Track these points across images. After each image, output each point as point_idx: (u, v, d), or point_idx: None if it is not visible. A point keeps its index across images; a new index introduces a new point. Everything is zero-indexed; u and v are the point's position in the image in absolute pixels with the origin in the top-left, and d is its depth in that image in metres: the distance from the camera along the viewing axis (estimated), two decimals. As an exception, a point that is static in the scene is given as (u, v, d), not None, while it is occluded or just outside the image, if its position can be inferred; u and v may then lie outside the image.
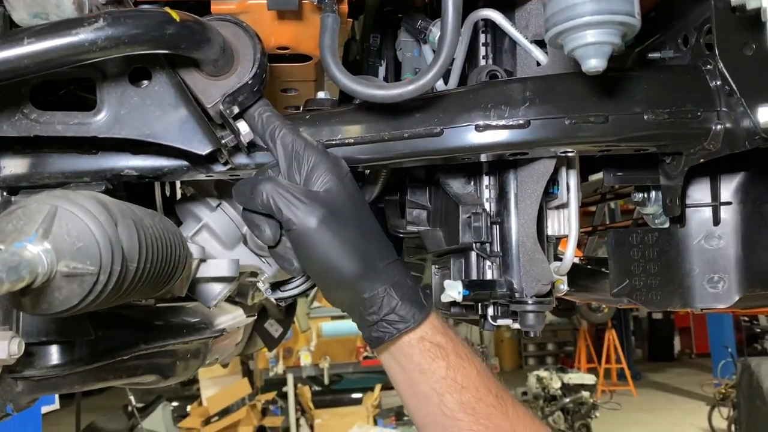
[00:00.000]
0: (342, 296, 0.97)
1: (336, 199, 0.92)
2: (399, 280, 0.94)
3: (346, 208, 0.93)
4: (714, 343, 12.16)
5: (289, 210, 0.89)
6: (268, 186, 0.91)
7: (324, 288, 0.98)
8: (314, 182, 0.92)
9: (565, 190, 1.14)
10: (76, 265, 0.69)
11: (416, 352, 0.94)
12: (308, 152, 0.94)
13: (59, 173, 1.00)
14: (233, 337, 2.21)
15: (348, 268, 0.92)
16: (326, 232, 0.90)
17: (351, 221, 0.93)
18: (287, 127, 0.95)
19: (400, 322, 0.93)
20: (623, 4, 0.80)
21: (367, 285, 0.93)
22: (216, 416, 7.78)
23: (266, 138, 0.96)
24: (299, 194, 0.90)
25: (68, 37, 0.77)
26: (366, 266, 0.92)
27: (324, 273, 0.94)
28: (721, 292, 1.14)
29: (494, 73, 1.10)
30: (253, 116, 0.96)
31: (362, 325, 0.97)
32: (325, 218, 0.90)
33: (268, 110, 0.97)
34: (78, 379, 1.19)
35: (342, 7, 0.99)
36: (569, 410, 8.83)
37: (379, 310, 0.93)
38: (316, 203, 0.90)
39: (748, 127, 0.91)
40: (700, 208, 1.15)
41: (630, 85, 0.97)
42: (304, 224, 0.89)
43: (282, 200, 0.90)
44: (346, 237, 0.91)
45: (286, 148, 0.94)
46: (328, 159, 0.95)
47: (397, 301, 0.93)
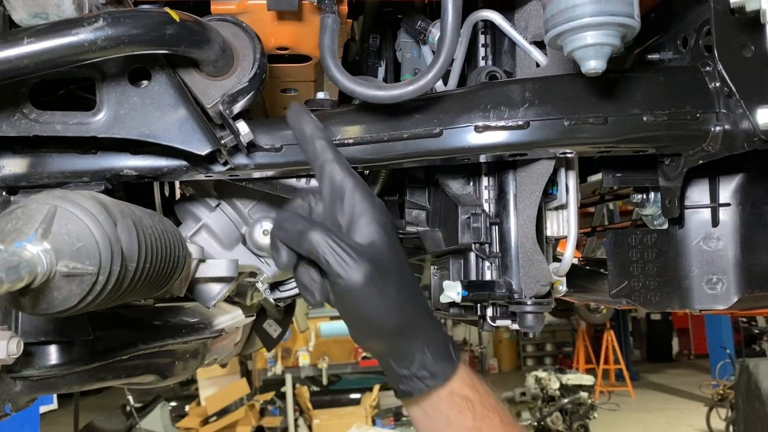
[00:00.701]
0: (375, 347, 0.97)
1: (381, 252, 0.90)
2: (433, 335, 0.95)
3: (390, 263, 0.91)
4: (712, 344, 12.18)
5: (338, 265, 0.87)
6: (319, 237, 0.88)
7: (358, 337, 0.97)
8: (359, 231, 0.91)
9: (564, 191, 1.14)
10: (76, 265, 0.69)
11: (444, 405, 0.95)
12: (356, 196, 0.91)
13: (58, 173, 0.99)
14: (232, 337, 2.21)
15: (387, 325, 0.91)
16: (371, 289, 0.88)
17: (394, 276, 0.91)
18: (339, 163, 0.93)
19: (430, 378, 0.93)
20: (623, 6, 0.80)
21: (403, 341, 0.93)
22: (214, 416, 7.78)
23: (315, 166, 0.94)
24: (348, 249, 0.88)
25: (68, 37, 0.77)
26: (405, 322, 0.92)
27: (362, 326, 0.94)
28: (719, 293, 1.14)
29: (494, 74, 1.10)
30: (308, 141, 0.94)
31: (392, 376, 0.97)
32: (371, 275, 0.88)
33: (323, 139, 0.94)
34: (77, 379, 1.19)
35: (342, 8, 0.99)
36: (568, 411, 8.84)
37: (410, 365, 0.93)
38: (364, 259, 0.88)
39: (747, 128, 0.91)
40: (698, 210, 1.16)
41: (629, 87, 0.97)
42: (351, 280, 0.87)
43: (331, 254, 0.87)
44: (389, 293, 0.90)
45: (334, 185, 0.92)
46: (375, 206, 0.93)
47: (430, 357, 0.93)
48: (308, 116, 0.95)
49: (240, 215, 1.32)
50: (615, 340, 12.72)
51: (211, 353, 1.76)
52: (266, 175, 1.08)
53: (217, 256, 1.30)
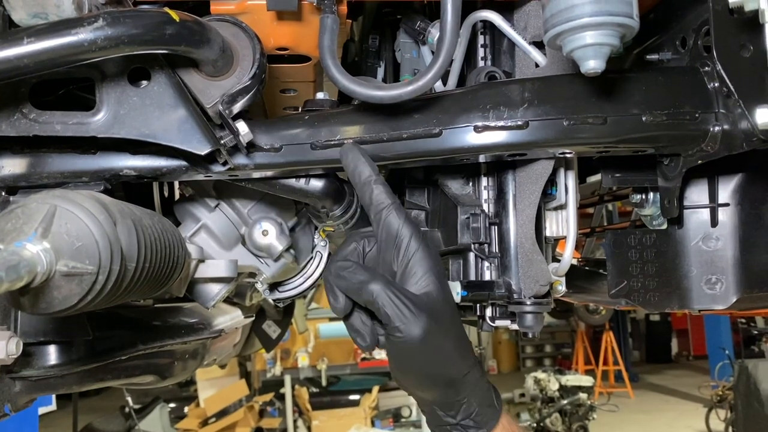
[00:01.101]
0: (423, 396, 0.97)
1: (437, 304, 0.90)
2: (480, 384, 0.95)
3: (446, 315, 0.91)
4: (711, 345, 12.18)
5: (397, 318, 0.87)
6: (378, 288, 0.88)
7: (405, 386, 0.97)
8: (416, 281, 0.91)
9: (564, 192, 1.14)
10: (75, 265, 0.69)
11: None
12: (413, 244, 0.91)
13: (58, 173, 0.99)
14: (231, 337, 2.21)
15: (441, 375, 0.92)
16: (428, 343, 0.88)
17: (449, 329, 0.91)
18: (397, 209, 0.93)
19: (474, 428, 0.94)
20: (622, 6, 0.80)
21: (452, 392, 0.93)
22: (213, 417, 7.78)
23: (371, 212, 0.94)
24: (407, 302, 0.88)
25: (68, 37, 0.77)
26: (457, 372, 0.93)
27: (414, 378, 0.94)
28: (718, 293, 1.14)
29: (493, 74, 1.10)
30: (365, 184, 0.94)
31: (434, 422, 0.97)
32: (429, 329, 0.88)
33: (380, 183, 0.94)
34: (76, 380, 1.19)
35: (341, 8, 0.99)
36: (567, 412, 8.83)
37: (456, 415, 0.94)
38: (422, 312, 0.88)
39: (745, 128, 0.91)
40: (697, 210, 1.16)
41: (628, 87, 0.97)
42: (410, 335, 0.87)
43: (391, 307, 0.87)
44: (445, 347, 0.90)
45: (390, 231, 0.92)
46: (431, 255, 0.93)
47: (476, 407, 0.94)
48: (365, 158, 0.95)
49: (239, 215, 1.32)
50: (614, 341, 12.72)
51: (210, 354, 1.76)
52: (266, 175, 1.08)
53: (217, 257, 1.29)
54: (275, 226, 1.29)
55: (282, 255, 1.32)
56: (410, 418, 8.71)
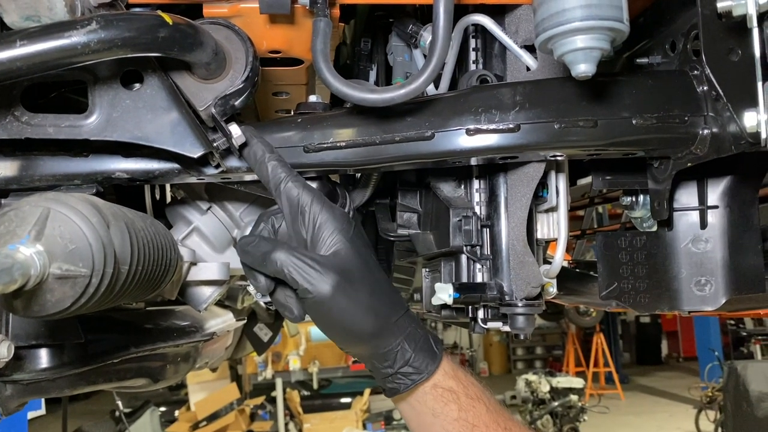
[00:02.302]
0: (357, 351, 0.99)
1: (346, 261, 0.92)
2: (411, 331, 0.97)
3: (357, 269, 0.93)
4: (701, 347, 12.25)
5: (304, 280, 0.89)
6: (282, 255, 0.90)
7: (339, 344, 1.00)
8: (323, 243, 0.93)
9: (555, 194, 1.15)
10: (69, 268, 0.69)
11: (429, 399, 0.98)
12: (315, 208, 0.94)
13: (50, 176, 0.99)
14: (223, 340, 2.20)
15: (363, 329, 0.94)
16: (341, 297, 0.91)
17: (362, 281, 0.93)
18: (293, 180, 0.95)
19: (414, 374, 0.96)
20: (612, 10, 0.81)
21: (381, 341, 0.95)
22: (204, 421, 7.75)
23: (270, 187, 0.96)
24: (312, 263, 0.90)
25: (61, 40, 0.77)
26: (380, 324, 0.94)
27: (340, 334, 0.96)
28: (708, 294, 1.15)
29: (485, 78, 1.11)
30: (260, 163, 0.96)
31: (377, 376, 0.99)
32: (339, 284, 0.90)
33: (275, 158, 0.96)
34: (68, 383, 1.19)
35: (334, 12, 0.99)
36: (558, 414, 8.86)
37: (393, 364, 0.96)
38: (329, 270, 0.90)
39: (734, 131, 0.92)
40: (687, 212, 1.17)
41: (619, 90, 0.98)
42: (319, 293, 0.90)
43: (296, 271, 0.89)
44: (360, 299, 0.92)
45: (292, 202, 0.94)
46: (336, 216, 0.95)
47: (411, 353, 0.95)
48: (256, 138, 0.97)
49: (231, 218, 1.32)
50: (605, 343, 12.77)
51: (202, 357, 1.76)
52: (258, 178, 1.08)
53: (209, 260, 1.29)
54: (268, 229, 1.29)
55: (274, 257, 1.32)
56: (402, 421, 8.71)
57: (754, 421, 6.63)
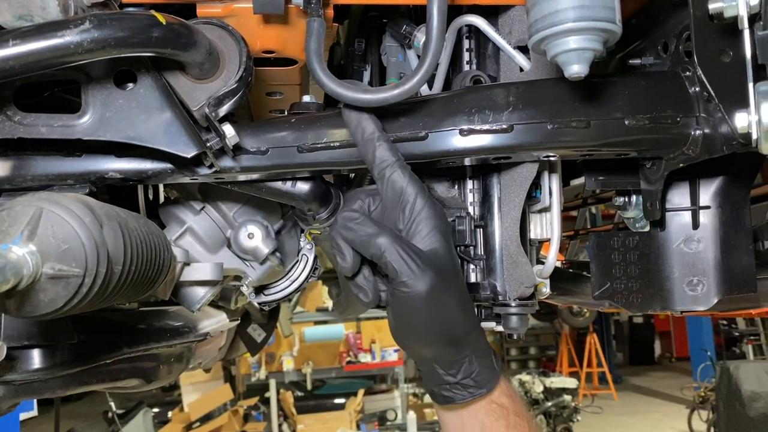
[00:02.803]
0: (424, 353, 0.96)
1: (443, 261, 0.91)
2: (481, 345, 0.96)
3: (451, 272, 0.92)
4: (693, 347, 12.32)
5: (405, 273, 0.87)
6: (386, 242, 0.88)
7: (405, 342, 0.97)
8: (421, 238, 0.91)
9: (548, 194, 1.15)
10: (62, 267, 0.68)
11: (482, 413, 0.96)
12: (419, 201, 0.91)
13: (42, 176, 0.99)
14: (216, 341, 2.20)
15: (443, 334, 0.92)
16: (434, 298, 0.88)
17: (454, 286, 0.92)
18: (401, 167, 0.92)
19: (473, 387, 0.95)
20: (605, 11, 0.81)
21: (454, 350, 0.93)
22: (197, 422, 7.73)
23: (374, 169, 0.93)
24: (415, 257, 0.87)
25: (54, 39, 0.77)
26: (460, 331, 0.93)
27: (416, 334, 0.93)
28: (700, 294, 1.16)
29: (478, 78, 1.11)
30: (367, 141, 0.92)
31: (433, 380, 0.97)
32: (435, 285, 0.88)
33: (384, 139, 0.92)
34: (60, 384, 1.18)
35: (328, 12, 0.99)
36: (551, 414, 8.88)
37: (457, 374, 0.94)
38: (430, 268, 0.88)
39: (725, 132, 0.92)
40: (679, 212, 1.17)
41: (611, 91, 0.98)
42: (417, 289, 0.87)
43: (399, 261, 0.87)
44: (449, 303, 0.91)
45: (395, 190, 0.92)
46: (437, 213, 0.93)
47: (476, 367, 0.94)
48: (368, 114, 0.93)
49: (225, 218, 1.32)
50: (598, 344, 12.81)
51: (195, 357, 1.75)
52: (252, 178, 1.08)
53: (202, 260, 1.29)
54: (261, 229, 1.29)
55: (268, 258, 1.32)
56: (395, 421, 8.71)
57: (747, 420, 6.66)
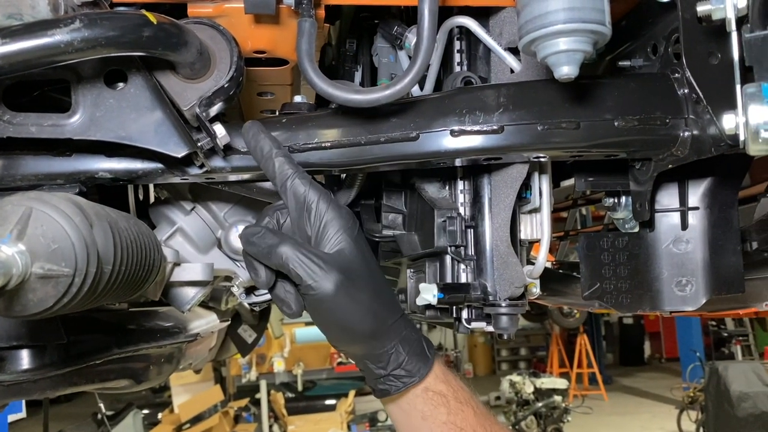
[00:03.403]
0: (352, 350, 1.00)
1: (350, 260, 0.93)
2: (406, 335, 0.98)
3: (360, 270, 0.94)
4: (683, 348, 12.38)
5: (308, 276, 0.90)
6: (288, 250, 0.90)
7: (335, 343, 1.00)
8: (328, 240, 0.93)
9: (538, 195, 1.15)
10: (51, 267, 0.68)
11: (419, 402, 0.99)
12: (321, 206, 0.94)
13: (32, 175, 0.98)
14: (207, 342, 2.19)
15: (361, 329, 0.94)
16: (343, 296, 0.91)
17: (364, 282, 0.94)
18: (300, 177, 0.95)
19: (406, 377, 0.97)
20: (595, 13, 0.82)
21: (377, 343, 0.96)
22: (188, 423, 7.68)
23: (276, 183, 0.96)
24: (317, 260, 0.90)
25: (44, 38, 0.76)
26: (378, 325, 0.95)
27: (337, 333, 0.97)
28: (688, 295, 1.17)
29: (469, 80, 1.12)
30: (266, 158, 0.95)
31: (369, 376, 1.00)
32: (342, 283, 0.91)
33: (282, 154, 0.96)
34: (50, 384, 1.18)
35: (319, 12, 0.99)
36: (542, 414, 8.91)
37: (386, 366, 0.97)
38: (333, 268, 0.90)
39: (714, 134, 0.93)
40: (668, 213, 1.18)
41: (601, 93, 0.99)
42: (322, 290, 0.90)
43: (300, 267, 0.90)
44: (361, 299, 0.93)
45: (298, 199, 0.94)
46: (342, 215, 0.95)
47: (404, 356, 0.97)
48: (264, 134, 0.97)
49: (215, 219, 1.31)
50: (588, 344, 12.85)
51: (186, 358, 1.75)
52: (242, 178, 1.08)
53: (192, 260, 1.29)
54: (252, 230, 1.28)
55: (259, 258, 1.32)
56: (386, 422, 8.71)
57: (735, 420, 6.71)
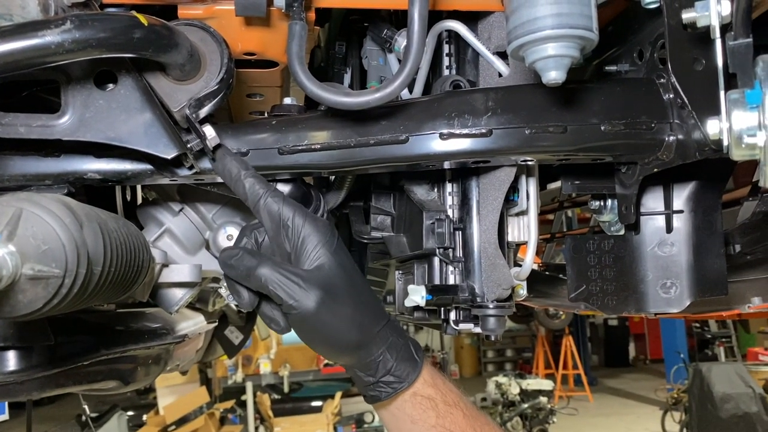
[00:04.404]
0: (341, 360, 1.01)
1: (330, 275, 0.93)
2: (393, 341, 0.98)
3: (341, 283, 0.94)
4: (667, 349, 12.46)
5: (288, 297, 0.90)
6: (267, 271, 0.90)
7: (324, 355, 1.02)
8: (307, 256, 0.93)
9: (525, 198, 1.16)
10: (42, 268, 0.68)
11: (408, 406, 1.00)
12: (297, 221, 0.94)
13: (20, 176, 0.98)
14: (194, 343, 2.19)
15: (347, 342, 0.95)
16: (325, 312, 0.91)
17: (346, 294, 0.94)
18: (272, 195, 0.95)
19: (395, 383, 0.98)
20: (582, 19, 0.83)
21: (364, 353, 0.97)
22: (173, 425, 7.65)
23: (249, 204, 0.96)
24: (296, 279, 0.90)
25: (34, 39, 0.76)
26: (363, 335, 0.96)
27: (324, 347, 0.98)
28: (673, 297, 1.18)
29: (458, 83, 1.12)
30: (236, 180, 0.96)
31: (359, 384, 1.01)
32: (323, 299, 0.91)
33: (250, 175, 0.96)
34: (36, 386, 1.17)
35: (309, 15, 1.00)
36: (527, 416, 8.94)
37: (375, 373, 0.97)
38: (313, 286, 0.91)
39: (698, 138, 0.94)
40: (653, 216, 1.19)
41: (588, 97, 1.00)
42: (304, 309, 0.90)
43: (280, 287, 0.90)
44: (344, 312, 0.94)
45: (273, 217, 0.94)
46: (319, 229, 0.95)
47: (393, 362, 0.97)
48: (231, 156, 0.97)
49: (204, 220, 1.31)
50: (573, 346, 12.91)
51: (173, 359, 1.74)
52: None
53: (180, 261, 1.29)
54: (240, 231, 1.28)
55: (247, 260, 1.31)
56: (372, 424, 8.71)
57: (718, 421, 6.78)
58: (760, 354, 9.35)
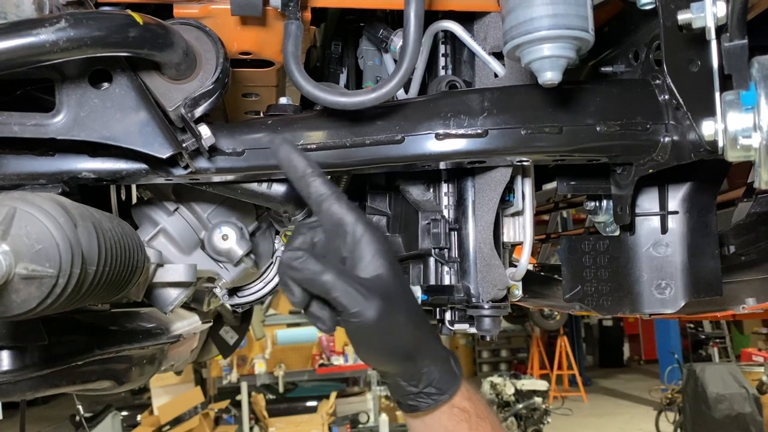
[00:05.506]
0: (386, 369, 1.00)
1: (389, 285, 0.93)
2: (439, 353, 0.98)
3: (398, 293, 0.94)
4: (661, 350, 12.50)
5: (352, 305, 0.89)
6: (331, 278, 0.89)
7: (370, 362, 1.00)
8: (365, 264, 0.92)
9: (521, 198, 1.17)
10: (35, 268, 0.68)
11: (444, 418, 0.99)
12: (358, 230, 0.92)
13: (14, 175, 0.98)
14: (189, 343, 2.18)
15: (400, 351, 0.95)
16: (384, 322, 0.91)
17: (402, 306, 0.94)
18: (338, 198, 0.93)
19: (436, 394, 0.97)
20: (578, 20, 0.83)
21: (413, 364, 0.96)
22: (167, 425, 7.62)
23: (312, 203, 0.94)
24: (360, 288, 0.90)
25: (29, 38, 0.76)
26: (414, 347, 0.96)
27: (375, 355, 0.97)
28: (668, 297, 1.18)
29: (454, 84, 1.12)
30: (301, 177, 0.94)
31: (398, 392, 1.00)
32: (383, 310, 0.90)
33: (317, 174, 0.94)
34: (30, 386, 1.16)
35: (305, 15, 1.00)
36: (522, 416, 8.95)
37: (419, 384, 0.97)
38: (375, 295, 0.90)
39: (693, 139, 0.95)
40: (648, 217, 1.20)
41: (583, 98, 1.00)
42: (366, 318, 0.89)
43: (344, 295, 0.89)
44: (399, 323, 0.93)
45: (335, 221, 0.93)
46: (377, 238, 0.94)
47: (437, 375, 0.97)
48: (298, 153, 0.95)
49: (199, 220, 1.31)
50: (568, 346, 12.93)
51: (168, 359, 1.74)
52: (227, 179, 1.08)
53: (175, 261, 1.28)
54: (235, 231, 1.29)
55: (242, 260, 1.32)
56: (368, 424, 8.70)
57: (712, 422, 6.79)
58: (753, 355, 9.38)
